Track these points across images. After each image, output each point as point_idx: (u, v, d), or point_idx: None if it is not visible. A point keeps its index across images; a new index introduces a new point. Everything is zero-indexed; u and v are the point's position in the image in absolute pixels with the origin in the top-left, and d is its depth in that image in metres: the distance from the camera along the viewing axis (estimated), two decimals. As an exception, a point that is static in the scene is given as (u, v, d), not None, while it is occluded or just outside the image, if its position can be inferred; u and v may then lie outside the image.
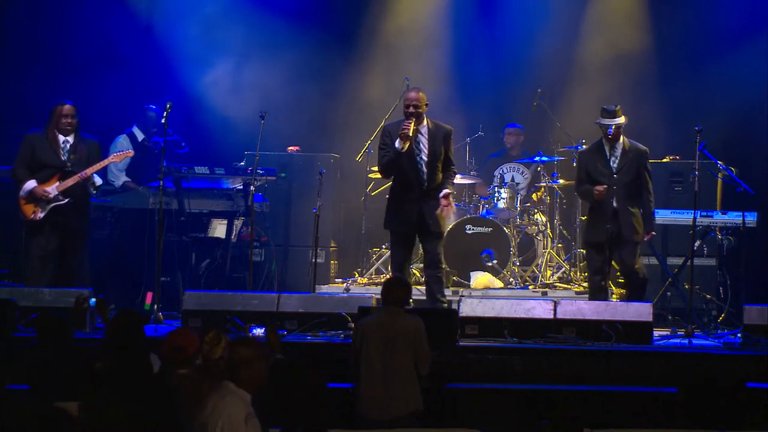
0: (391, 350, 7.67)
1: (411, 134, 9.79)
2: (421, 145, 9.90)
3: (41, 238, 10.51)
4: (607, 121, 10.29)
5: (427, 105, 9.96)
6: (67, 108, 10.61)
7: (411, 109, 9.86)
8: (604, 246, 10.21)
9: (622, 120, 10.28)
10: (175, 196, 11.90)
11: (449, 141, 10.05)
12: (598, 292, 10.22)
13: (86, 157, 10.65)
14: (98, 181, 10.72)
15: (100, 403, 5.73)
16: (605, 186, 10.19)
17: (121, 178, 12.37)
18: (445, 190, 9.89)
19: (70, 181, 10.53)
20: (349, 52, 13.81)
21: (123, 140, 12.42)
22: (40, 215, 10.49)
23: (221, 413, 5.52)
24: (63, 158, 10.59)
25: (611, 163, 10.28)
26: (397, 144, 9.82)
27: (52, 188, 10.52)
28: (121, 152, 11.06)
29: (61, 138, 10.60)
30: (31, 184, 10.51)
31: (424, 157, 9.89)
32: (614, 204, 10.19)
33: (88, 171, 10.58)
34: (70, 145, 10.62)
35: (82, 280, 10.53)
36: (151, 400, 5.74)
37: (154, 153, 11.96)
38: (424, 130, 9.93)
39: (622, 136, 10.32)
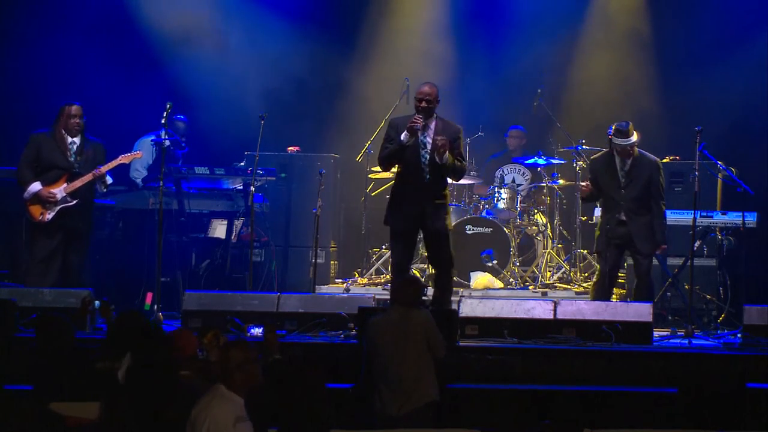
0: (403, 346, 7.69)
1: (418, 130, 9.38)
2: (427, 139, 9.51)
3: (46, 240, 10.46)
4: (621, 141, 10.22)
5: (438, 102, 9.58)
6: (75, 108, 10.57)
7: (423, 104, 9.45)
8: (609, 251, 10.24)
9: (635, 138, 10.24)
10: (175, 197, 11.91)
11: (458, 140, 9.62)
12: (599, 296, 10.24)
13: (93, 158, 10.61)
14: (109, 180, 10.71)
15: (122, 407, 5.72)
16: (587, 183, 10.37)
17: (143, 175, 12.32)
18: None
19: (78, 183, 10.48)
20: (349, 53, 13.81)
21: (148, 141, 12.29)
22: (49, 217, 10.44)
23: (208, 415, 5.51)
24: (71, 159, 10.55)
25: (620, 177, 10.27)
26: (403, 136, 9.41)
27: (59, 190, 10.47)
28: (130, 153, 10.94)
29: (68, 139, 10.55)
30: (36, 186, 10.46)
31: (428, 155, 9.49)
32: (622, 217, 10.21)
33: (103, 169, 10.52)
34: (77, 147, 10.58)
35: (83, 282, 10.51)
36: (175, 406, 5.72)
37: (174, 159, 11.99)
38: (432, 126, 9.54)
39: (634, 149, 10.31)
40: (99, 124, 11.78)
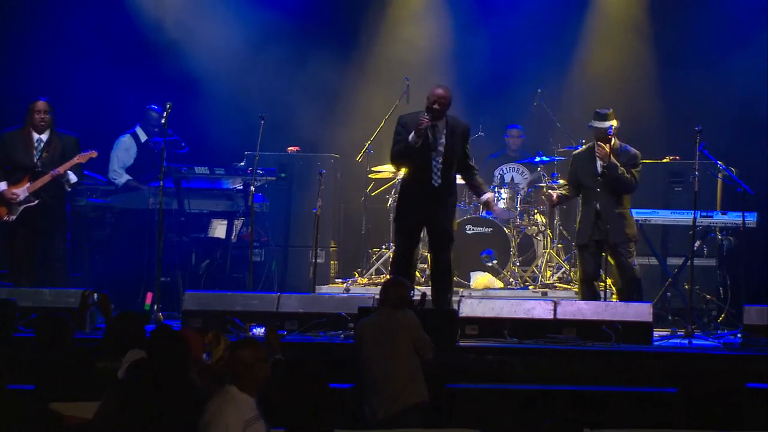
0: (390, 347, 7.72)
1: (425, 130, 9.40)
2: (438, 142, 9.54)
3: (13, 241, 10.60)
4: (597, 124, 10.26)
5: (450, 105, 9.59)
6: (41, 104, 10.62)
7: (436, 106, 9.45)
8: (589, 249, 10.21)
9: (613, 123, 10.23)
10: (175, 196, 11.91)
11: (467, 138, 9.75)
12: (587, 297, 10.21)
13: (60, 154, 10.64)
14: (73, 178, 10.69)
15: (120, 408, 5.71)
16: (555, 194, 10.52)
17: (123, 177, 12.35)
18: (487, 195, 10.13)
19: (39, 183, 10.54)
20: (349, 52, 13.81)
21: (127, 139, 12.41)
22: (12, 217, 10.54)
23: (219, 422, 5.49)
24: (35, 159, 10.59)
25: (597, 168, 10.26)
26: (411, 138, 9.45)
27: (22, 190, 10.54)
28: (86, 153, 10.77)
29: (36, 136, 10.61)
30: (1, 186, 10.54)
31: (441, 156, 9.54)
32: (597, 207, 10.19)
33: (60, 169, 10.55)
34: (44, 143, 10.61)
35: (66, 282, 10.53)
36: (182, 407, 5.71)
37: (155, 153, 11.95)
38: (443, 127, 9.56)
39: (614, 140, 10.27)
40: (99, 125, 11.81)
